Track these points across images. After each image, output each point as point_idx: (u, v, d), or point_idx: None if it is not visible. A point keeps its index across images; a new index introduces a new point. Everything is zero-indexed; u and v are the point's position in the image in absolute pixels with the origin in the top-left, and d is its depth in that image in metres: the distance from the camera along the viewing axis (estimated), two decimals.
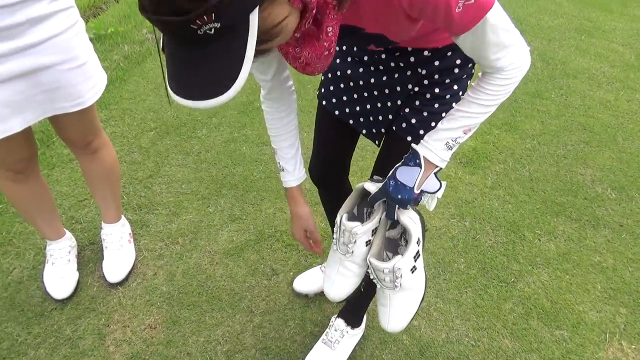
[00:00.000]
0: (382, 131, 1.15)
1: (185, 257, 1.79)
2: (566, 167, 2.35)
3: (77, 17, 1.26)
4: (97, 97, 1.35)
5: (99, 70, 1.36)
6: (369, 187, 0.98)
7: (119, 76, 2.78)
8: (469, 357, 1.54)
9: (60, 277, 1.63)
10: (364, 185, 0.99)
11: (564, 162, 2.38)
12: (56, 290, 1.61)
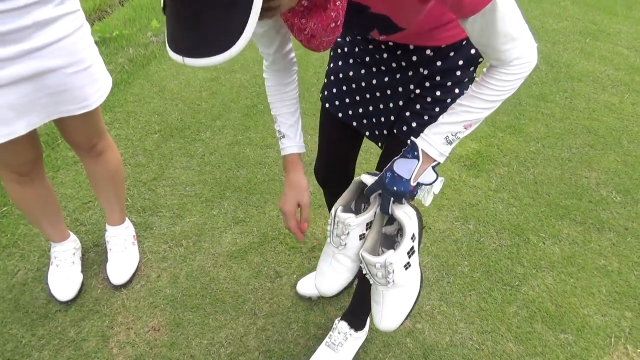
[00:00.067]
0: (385, 133, 1.15)
1: (188, 260, 1.80)
2: (571, 170, 2.34)
3: (83, 20, 1.26)
4: (102, 100, 1.36)
5: (104, 73, 1.37)
6: (365, 179, 0.97)
7: (124, 79, 2.79)
8: None
9: (64, 279, 1.64)
10: (361, 177, 0.99)
11: (568, 165, 2.37)
12: (60, 292, 1.61)
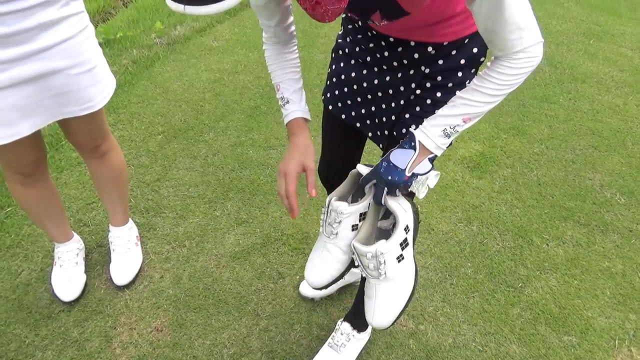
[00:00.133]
0: (387, 133, 1.15)
1: (191, 260, 1.80)
2: (574, 172, 2.33)
3: (87, 21, 1.27)
4: (106, 101, 1.36)
5: (108, 74, 1.38)
6: (361, 169, 0.97)
7: (128, 80, 2.80)
8: None
9: (67, 279, 1.64)
10: (357, 167, 0.98)
11: (572, 167, 2.36)
12: (64, 292, 1.62)
